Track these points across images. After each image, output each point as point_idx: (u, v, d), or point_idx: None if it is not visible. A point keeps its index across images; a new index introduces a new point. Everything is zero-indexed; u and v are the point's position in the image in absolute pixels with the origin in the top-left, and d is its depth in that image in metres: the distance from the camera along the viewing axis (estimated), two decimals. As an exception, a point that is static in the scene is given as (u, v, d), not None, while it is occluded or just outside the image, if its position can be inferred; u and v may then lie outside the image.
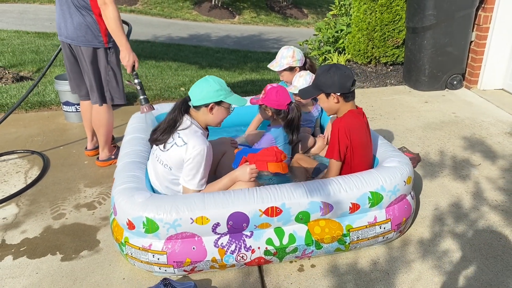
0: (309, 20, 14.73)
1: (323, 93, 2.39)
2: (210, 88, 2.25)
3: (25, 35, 8.68)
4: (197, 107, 2.28)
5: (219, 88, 2.26)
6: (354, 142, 2.36)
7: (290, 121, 2.78)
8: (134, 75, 2.88)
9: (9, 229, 2.54)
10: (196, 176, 2.22)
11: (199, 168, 2.20)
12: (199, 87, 2.26)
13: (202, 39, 10.58)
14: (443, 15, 4.45)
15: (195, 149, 2.17)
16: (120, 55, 2.87)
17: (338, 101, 2.37)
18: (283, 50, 3.32)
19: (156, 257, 2.04)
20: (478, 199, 2.78)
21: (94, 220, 2.62)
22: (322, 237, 2.15)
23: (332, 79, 2.31)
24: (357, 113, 2.43)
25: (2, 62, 6.30)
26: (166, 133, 2.25)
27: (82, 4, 2.79)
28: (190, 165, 2.19)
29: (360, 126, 2.41)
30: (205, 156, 2.19)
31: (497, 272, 2.14)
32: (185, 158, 2.19)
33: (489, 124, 3.91)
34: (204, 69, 6.90)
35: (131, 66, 2.87)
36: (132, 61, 2.86)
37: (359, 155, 2.41)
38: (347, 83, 2.31)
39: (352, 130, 2.35)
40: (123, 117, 4.16)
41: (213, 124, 2.35)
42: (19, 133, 3.90)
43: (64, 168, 3.27)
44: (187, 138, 2.20)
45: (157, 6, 13.50)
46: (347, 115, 2.39)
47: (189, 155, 2.17)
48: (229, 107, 2.35)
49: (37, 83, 3.33)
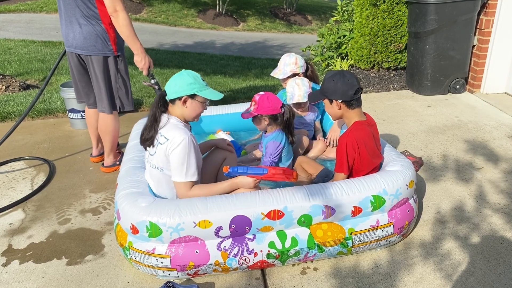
0: (313, 26, 14.79)
1: (327, 99, 2.42)
2: (183, 82, 2.24)
3: (31, 44, 8.80)
4: (172, 101, 2.28)
5: (192, 81, 2.25)
6: (362, 154, 2.37)
7: (287, 122, 2.80)
8: (150, 76, 3.01)
9: (15, 234, 2.58)
10: (183, 167, 2.19)
11: (184, 159, 2.18)
12: (173, 81, 2.26)
13: (207, 47, 10.66)
14: (445, 20, 4.47)
15: (175, 141, 2.17)
16: (135, 59, 2.93)
17: (340, 108, 2.40)
18: (285, 57, 3.35)
19: (159, 261, 2.07)
20: (481, 202, 2.79)
21: (99, 225, 2.65)
22: (324, 241, 2.17)
23: (335, 86, 2.34)
24: (365, 124, 2.42)
25: (9, 70, 6.39)
26: (150, 130, 2.26)
27: (91, 14, 2.84)
28: (175, 158, 2.19)
29: (367, 138, 2.39)
30: (187, 146, 2.18)
31: (499, 275, 2.14)
32: (168, 152, 2.20)
33: (492, 128, 3.91)
34: (208, 76, 6.95)
35: (147, 68, 2.96)
36: (148, 64, 2.94)
37: (366, 165, 2.41)
38: (349, 91, 2.32)
39: (359, 143, 2.35)
40: (128, 123, 4.21)
41: (189, 118, 2.33)
42: (25, 140, 3.95)
43: (70, 174, 3.31)
44: (168, 134, 2.21)
45: (162, 14, 13.62)
46: (353, 129, 2.39)
47: (171, 148, 2.18)
48: (204, 101, 2.31)
49: (42, 91, 3.36)
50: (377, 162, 2.49)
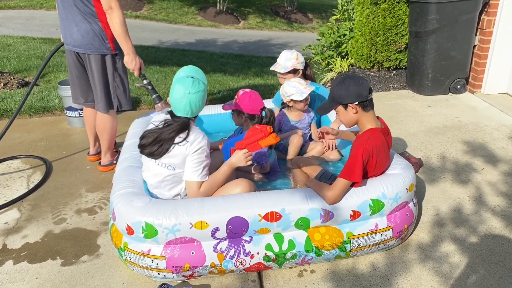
0: (314, 24, 14.75)
1: (341, 105, 2.29)
2: (203, 92, 2.28)
3: (31, 41, 8.76)
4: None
5: (204, 84, 2.31)
6: (372, 162, 2.26)
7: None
8: (142, 76, 2.98)
9: (10, 234, 2.55)
10: (200, 168, 2.24)
11: (202, 160, 2.25)
12: (197, 104, 2.25)
13: (207, 44, 10.62)
14: (446, 19, 4.44)
15: (197, 144, 2.21)
16: (125, 59, 2.90)
17: (356, 111, 2.26)
18: (286, 52, 3.33)
19: (155, 262, 2.04)
20: (480, 204, 2.76)
21: (95, 225, 2.63)
22: (322, 244, 2.14)
23: (347, 90, 2.23)
24: (380, 131, 2.30)
25: (8, 67, 6.35)
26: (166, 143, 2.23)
27: (88, 12, 2.81)
28: (194, 158, 2.22)
29: (382, 147, 2.29)
30: (206, 149, 2.26)
31: (499, 279, 2.12)
32: (188, 154, 2.21)
33: (493, 129, 3.88)
34: (208, 74, 6.91)
35: (138, 69, 2.93)
36: (139, 64, 2.91)
37: (373, 173, 2.33)
38: (364, 92, 2.22)
39: (374, 153, 2.23)
40: (125, 122, 4.18)
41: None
42: (22, 138, 3.93)
43: (66, 173, 3.29)
44: (188, 137, 2.23)
45: (162, 11, 13.58)
46: (372, 136, 2.25)
47: (192, 150, 2.21)
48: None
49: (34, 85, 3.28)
50: (383, 170, 2.39)
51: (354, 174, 2.15)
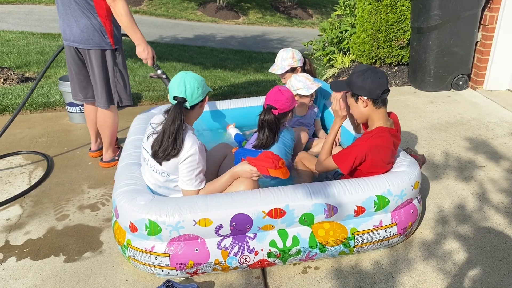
0: (314, 20, 14.71)
1: (353, 98, 2.29)
2: (200, 82, 2.21)
3: (30, 36, 8.73)
4: (192, 106, 2.23)
5: (202, 77, 2.25)
6: (368, 161, 2.27)
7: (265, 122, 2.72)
8: (156, 66, 2.94)
9: (12, 230, 2.54)
10: (193, 176, 2.17)
11: (195, 168, 2.17)
12: (191, 85, 2.16)
13: (207, 40, 10.59)
14: (448, 15, 4.42)
15: (189, 150, 2.13)
16: (137, 50, 2.87)
17: (367, 105, 2.25)
18: (282, 52, 3.32)
19: (158, 259, 2.04)
20: (484, 201, 2.76)
21: (97, 222, 2.62)
22: (326, 240, 2.14)
23: (363, 82, 2.20)
24: (387, 131, 2.28)
25: (7, 63, 6.33)
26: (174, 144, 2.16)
27: (87, 7, 2.79)
28: (186, 166, 2.15)
29: (386, 146, 2.27)
30: (198, 156, 2.15)
31: (503, 275, 2.12)
32: (180, 161, 2.15)
33: (495, 125, 3.88)
34: (208, 70, 6.89)
35: (151, 58, 2.90)
36: (151, 53, 2.89)
37: (371, 171, 2.32)
38: (377, 90, 2.20)
39: (370, 152, 2.24)
40: (127, 118, 4.16)
41: (199, 116, 2.34)
42: (23, 134, 3.91)
43: (68, 169, 3.27)
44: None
45: (162, 6, 13.53)
46: (375, 135, 2.26)
47: (183, 157, 2.13)
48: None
49: (37, 84, 3.29)
50: (387, 169, 2.37)
51: (343, 164, 2.30)
